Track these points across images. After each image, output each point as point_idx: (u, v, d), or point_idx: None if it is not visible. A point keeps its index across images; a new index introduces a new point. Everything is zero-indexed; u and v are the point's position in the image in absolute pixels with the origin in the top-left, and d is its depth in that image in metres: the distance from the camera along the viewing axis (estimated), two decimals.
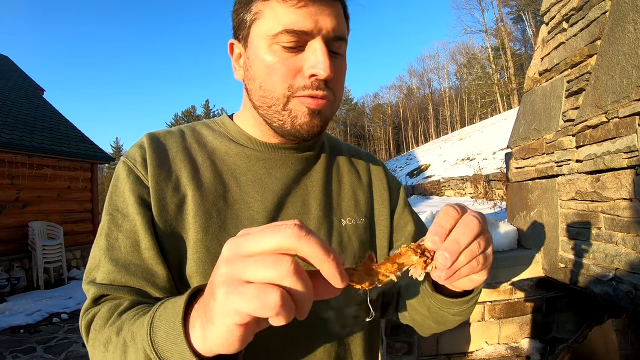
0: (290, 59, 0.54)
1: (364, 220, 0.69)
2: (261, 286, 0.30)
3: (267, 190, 0.62)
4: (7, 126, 6.63)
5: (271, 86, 0.55)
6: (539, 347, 2.10)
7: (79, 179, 7.68)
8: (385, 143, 61.73)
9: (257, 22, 0.55)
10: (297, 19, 0.52)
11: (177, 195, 0.58)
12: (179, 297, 0.40)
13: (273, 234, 0.31)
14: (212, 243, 0.56)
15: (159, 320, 0.40)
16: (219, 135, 0.66)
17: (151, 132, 0.65)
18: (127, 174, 0.58)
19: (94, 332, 0.49)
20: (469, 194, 9.46)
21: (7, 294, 5.72)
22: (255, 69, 0.56)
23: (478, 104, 44.16)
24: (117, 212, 0.56)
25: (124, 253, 0.54)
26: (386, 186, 0.75)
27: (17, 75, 9.59)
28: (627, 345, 1.60)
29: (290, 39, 0.52)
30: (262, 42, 0.54)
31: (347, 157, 0.75)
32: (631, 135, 1.48)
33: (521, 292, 2.13)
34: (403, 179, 17.41)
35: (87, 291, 0.53)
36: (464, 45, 47.27)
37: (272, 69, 0.54)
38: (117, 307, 0.50)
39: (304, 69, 0.54)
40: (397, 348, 2.06)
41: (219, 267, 0.33)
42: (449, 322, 0.61)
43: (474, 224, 0.39)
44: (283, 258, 0.30)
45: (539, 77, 2.28)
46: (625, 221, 1.54)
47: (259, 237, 0.32)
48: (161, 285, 0.53)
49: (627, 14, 1.56)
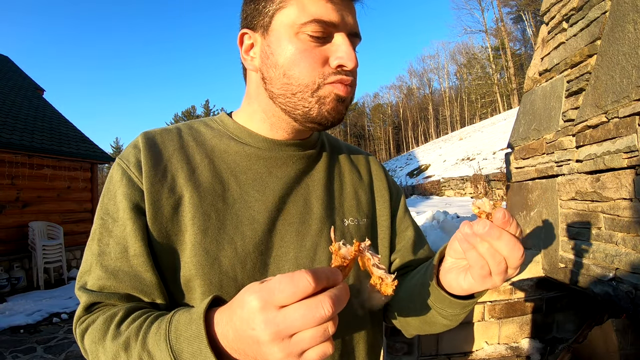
0: (316, 48, 0.55)
1: (366, 220, 0.68)
2: (314, 340, 0.35)
3: (268, 190, 0.60)
4: (7, 126, 6.62)
5: (298, 73, 0.55)
6: (539, 347, 2.10)
7: (79, 179, 7.67)
8: (385, 143, 61.70)
9: (282, 10, 0.55)
10: (326, 11, 0.54)
11: (173, 196, 0.56)
12: (189, 320, 0.42)
13: (295, 286, 0.35)
14: (211, 245, 0.55)
15: (179, 343, 0.42)
16: (218, 133, 0.65)
17: (147, 131, 0.63)
18: (121, 177, 0.57)
19: (93, 344, 0.49)
20: (469, 194, 9.46)
21: (7, 294, 5.72)
22: (278, 56, 0.56)
23: (478, 104, 44.16)
24: (108, 217, 0.56)
25: (114, 259, 0.53)
26: (387, 186, 0.75)
27: (17, 76, 9.58)
28: (627, 345, 1.60)
29: (318, 28, 0.54)
30: (288, 30, 0.55)
31: (348, 156, 0.75)
32: (631, 135, 1.48)
33: (521, 292, 2.13)
34: (403, 179, 17.41)
35: (80, 297, 0.53)
36: (464, 45, 47.33)
37: (300, 56, 0.55)
38: (112, 317, 0.50)
39: (331, 60, 0.55)
40: (397, 348, 2.06)
41: (254, 320, 0.36)
42: (436, 324, 0.59)
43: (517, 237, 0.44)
44: (322, 303, 0.34)
45: (539, 77, 2.28)
46: (625, 221, 1.54)
47: (285, 287, 0.35)
48: (149, 292, 0.53)
49: (627, 14, 1.56)
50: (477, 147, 16.26)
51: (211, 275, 0.53)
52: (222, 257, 0.54)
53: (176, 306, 0.52)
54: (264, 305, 0.35)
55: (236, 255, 0.55)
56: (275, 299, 0.35)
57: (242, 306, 0.37)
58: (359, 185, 0.71)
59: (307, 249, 0.60)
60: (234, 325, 0.38)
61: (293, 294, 0.34)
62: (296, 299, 0.34)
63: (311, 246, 0.60)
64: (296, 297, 0.34)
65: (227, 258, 0.55)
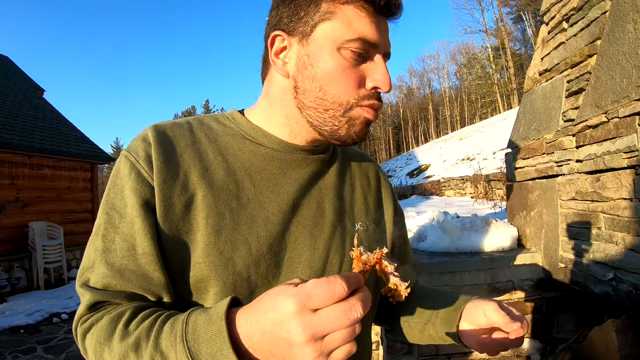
0: (355, 67, 0.55)
1: (374, 226, 0.69)
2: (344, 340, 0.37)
3: (282, 191, 0.60)
4: (7, 126, 6.62)
5: (335, 90, 0.55)
6: (539, 347, 2.10)
7: (79, 179, 7.67)
8: (385, 143, 61.68)
9: (327, 22, 0.54)
10: (371, 31, 0.54)
11: (185, 194, 0.54)
12: (208, 320, 0.42)
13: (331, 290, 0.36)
14: (226, 246, 0.53)
15: (197, 344, 0.41)
16: (231, 131, 0.63)
17: (156, 124, 0.61)
18: (129, 171, 0.54)
19: (97, 345, 0.48)
20: (469, 194, 9.46)
21: (7, 294, 5.72)
22: (318, 68, 0.55)
23: (478, 104, 44.15)
24: (114, 212, 0.54)
25: (120, 257, 0.51)
26: (391, 196, 0.77)
27: (17, 76, 9.58)
28: (627, 345, 1.60)
29: (362, 47, 0.54)
30: (331, 44, 0.54)
31: (357, 161, 0.75)
32: (631, 135, 1.48)
33: (521, 292, 2.13)
34: (403, 179, 17.41)
35: (82, 295, 0.52)
36: (464, 45, 47.32)
37: (340, 74, 0.54)
38: (119, 317, 0.48)
39: (367, 80, 0.56)
40: (397, 348, 2.06)
41: (289, 322, 0.37)
42: (433, 340, 0.69)
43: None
44: (354, 306, 0.36)
45: (539, 77, 2.28)
46: (625, 221, 1.54)
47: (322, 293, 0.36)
48: (157, 292, 0.52)
49: (627, 14, 1.56)
50: (477, 147, 16.26)
51: (225, 276, 0.52)
52: (237, 257, 0.54)
53: (184, 306, 0.51)
54: (301, 308, 0.36)
55: (250, 256, 0.54)
56: (312, 303, 0.36)
57: (276, 309, 0.38)
58: (368, 191, 0.72)
59: (320, 252, 0.60)
60: (263, 328, 0.38)
61: (329, 299, 0.36)
62: (331, 303, 0.36)
63: (324, 249, 0.60)
64: (331, 302, 0.36)
65: (241, 259, 0.54)
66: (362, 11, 0.54)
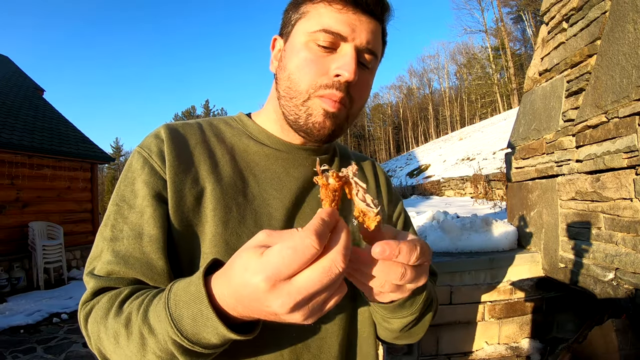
0: (322, 58, 0.57)
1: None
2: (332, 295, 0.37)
3: (285, 189, 0.63)
4: (7, 126, 6.63)
5: (298, 79, 0.58)
6: (539, 347, 2.10)
7: (79, 179, 7.68)
8: (385, 143, 61.69)
9: (301, 20, 0.59)
10: (336, 22, 0.56)
11: (196, 187, 0.57)
12: (188, 282, 0.42)
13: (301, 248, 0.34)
14: (232, 237, 0.56)
15: (178, 309, 0.41)
16: (238, 132, 0.67)
17: (168, 123, 0.65)
18: (142, 165, 0.57)
19: (95, 325, 0.49)
20: (469, 194, 9.46)
21: (7, 294, 5.72)
22: (288, 60, 0.60)
23: (478, 104, 44.15)
24: (123, 203, 0.56)
25: (126, 245, 0.53)
26: (387, 193, 0.78)
27: (17, 76, 9.58)
28: (627, 345, 1.60)
29: (326, 38, 0.56)
30: (301, 38, 0.58)
31: (356, 162, 0.78)
32: (631, 135, 1.48)
33: (521, 292, 2.13)
34: (403, 179, 17.41)
35: (87, 283, 0.53)
36: (464, 45, 47.31)
37: (304, 63, 0.57)
38: (117, 296, 0.50)
39: (331, 69, 0.57)
40: (397, 348, 2.06)
41: (266, 299, 0.35)
42: (386, 327, 0.62)
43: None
44: (333, 262, 0.34)
45: (539, 77, 2.28)
46: (625, 221, 1.54)
47: (290, 262, 0.34)
48: (158, 279, 0.53)
49: (627, 14, 1.56)
50: (477, 147, 16.26)
51: None
52: None
53: None
54: (273, 284, 0.34)
55: None
56: (283, 274, 0.34)
57: (247, 286, 0.35)
58: (367, 187, 0.73)
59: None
60: (242, 301, 0.37)
61: (302, 264, 0.34)
62: (304, 267, 0.34)
63: None
64: (304, 266, 0.34)
65: None
66: (332, 6, 0.56)
